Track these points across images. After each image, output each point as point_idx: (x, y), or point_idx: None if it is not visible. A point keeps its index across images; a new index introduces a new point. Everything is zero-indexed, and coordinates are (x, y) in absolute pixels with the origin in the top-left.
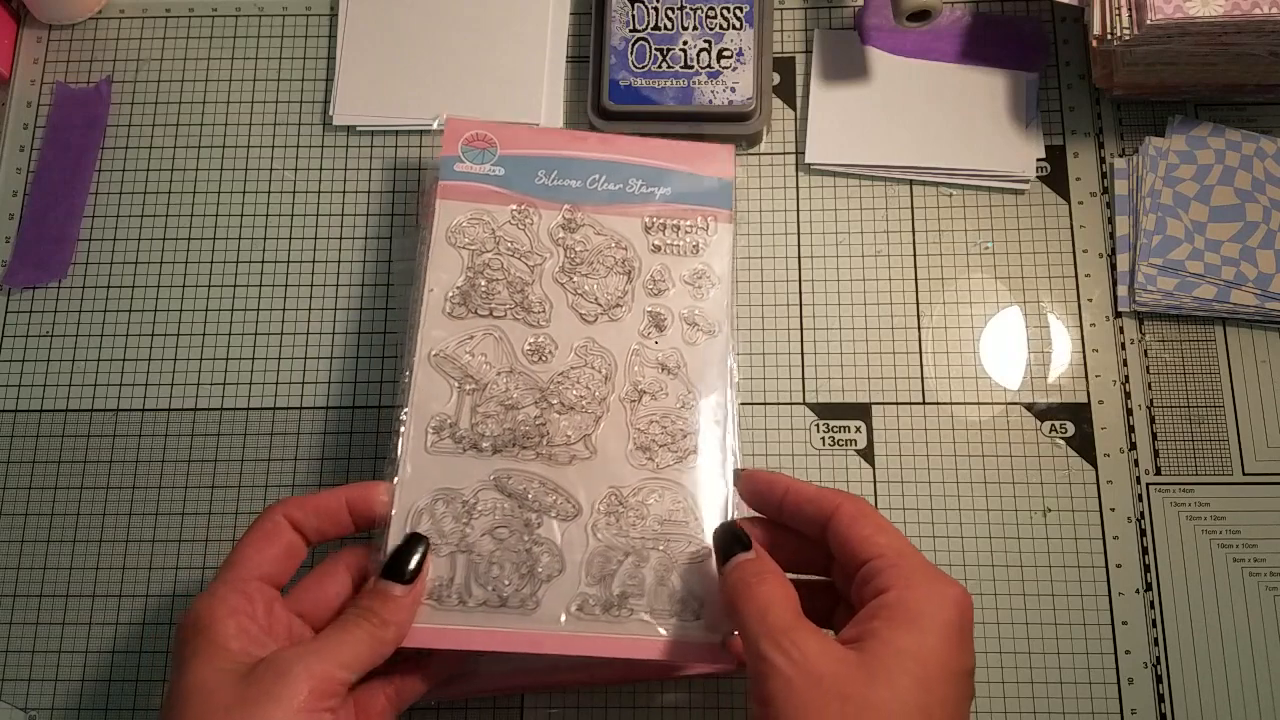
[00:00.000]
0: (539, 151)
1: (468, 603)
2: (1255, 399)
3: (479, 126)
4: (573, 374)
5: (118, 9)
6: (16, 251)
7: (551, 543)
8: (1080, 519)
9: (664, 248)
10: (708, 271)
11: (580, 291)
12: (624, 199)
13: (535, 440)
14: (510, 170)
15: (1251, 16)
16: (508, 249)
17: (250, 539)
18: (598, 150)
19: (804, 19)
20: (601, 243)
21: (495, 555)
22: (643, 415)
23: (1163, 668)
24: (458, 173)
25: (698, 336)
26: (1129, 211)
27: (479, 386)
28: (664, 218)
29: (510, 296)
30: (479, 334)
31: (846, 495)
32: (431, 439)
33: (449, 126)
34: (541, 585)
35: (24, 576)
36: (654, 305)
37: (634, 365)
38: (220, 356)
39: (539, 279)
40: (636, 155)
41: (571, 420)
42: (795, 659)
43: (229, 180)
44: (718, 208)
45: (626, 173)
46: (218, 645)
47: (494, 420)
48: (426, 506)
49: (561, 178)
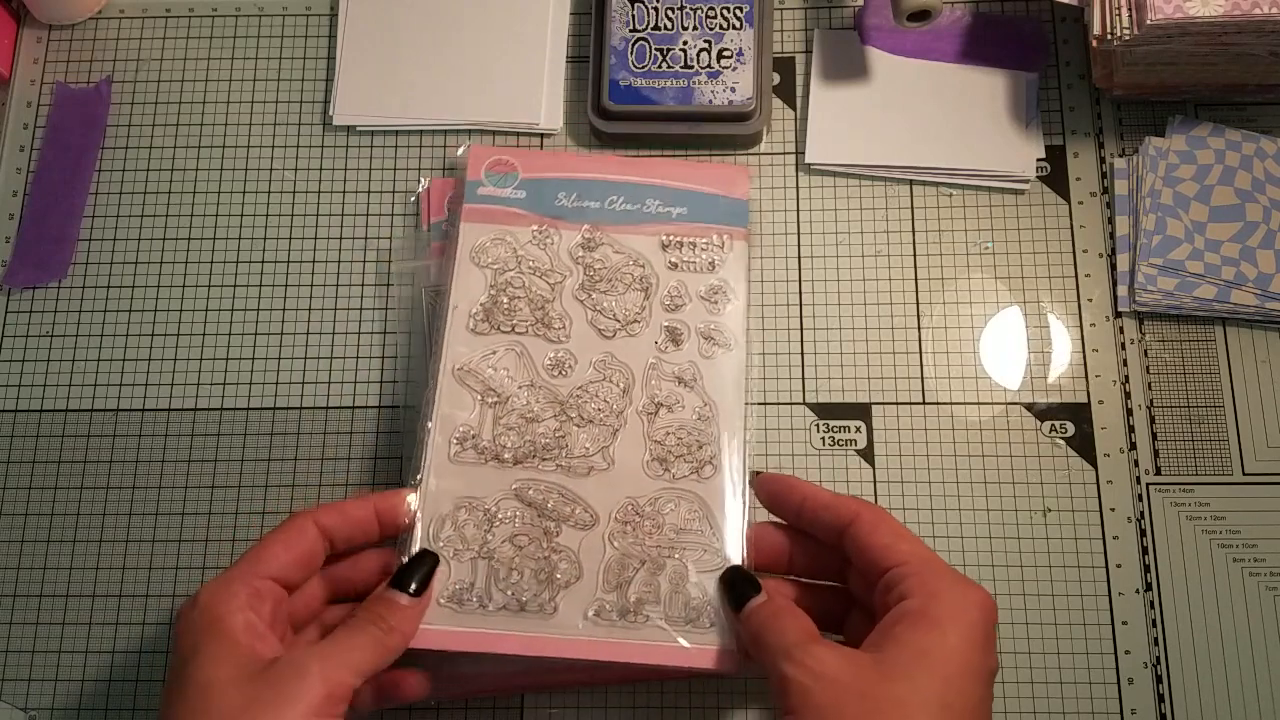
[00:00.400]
0: (559, 174)
1: (488, 606)
2: (1255, 399)
3: (501, 152)
4: (591, 388)
5: (118, 9)
6: (16, 251)
7: (570, 550)
8: (1080, 519)
9: (680, 265)
10: (724, 287)
11: (599, 308)
12: (641, 219)
13: (555, 452)
14: (531, 193)
15: (1251, 16)
16: (529, 268)
17: (276, 537)
18: (616, 172)
19: (804, 19)
20: (620, 261)
21: (515, 562)
22: (660, 428)
23: (1163, 668)
24: (481, 196)
25: (714, 350)
26: (1129, 211)
27: (501, 400)
28: (680, 236)
29: (531, 313)
30: (501, 349)
31: (864, 503)
32: (455, 449)
33: (472, 154)
34: (560, 591)
35: (24, 576)
36: (671, 320)
37: (651, 379)
38: (220, 356)
39: (559, 296)
40: (655, 177)
41: (590, 433)
42: (812, 668)
43: (229, 180)
44: (734, 226)
45: (644, 194)
46: (230, 640)
47: (515, 432)
48: (450, 514)
49: (581, 199)
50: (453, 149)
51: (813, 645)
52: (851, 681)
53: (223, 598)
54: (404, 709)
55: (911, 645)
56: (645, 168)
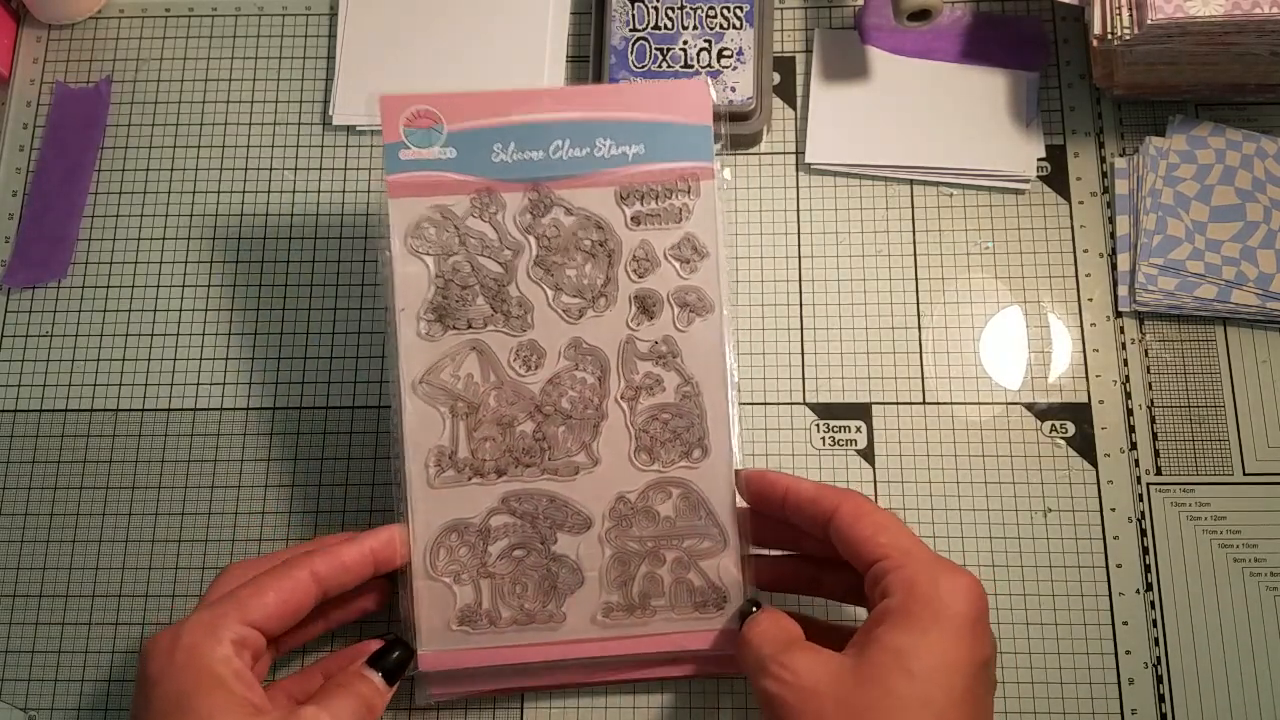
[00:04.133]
0: (491, 121)
1: (498, 624)
2: (1256, 399)
3: (419, 100)
4: (564, 378)
5: (117, 9)
6: (16, 251)
7: (568, 557)
8: (1081, 519)
9: (643, 220)
10: (694, 241)
11: (559, 286)
12: (592, 165)
13: (537, 456)
14: (463, 149)
15: (1252, 16)
16: (475, 247)
17: (270, 584)
18: (556, 109)
19: (804, 19)
20: (574, 224)
21: (516, 575)
22: (641, 414)
23: (1163, 668)
24: (404, 162)
25: (691, 319)
26: (1129, 211)
27: (471, 409)
28: (639, 183)
29: (487, 302)
30: (460, 352)
31: (845, 493)
32: (433, 472)
33: (384, 106)
34: (564, 599)
35: (24, 576)
36: (640, 289)
37: (626, 360)
38: (220, 356)
39: (514, 278)
40: (601, 109)
41: (570, 430)
42: (786, 679)
43: (229, 180)
44: (698, 162)
45: (593, 133)
46: (225, 690)
47: (492, 443)
48: (442, 540)
49: (521, 149)
50: None
51: (791, 653)
52: (829, 689)
53: (209, 643)
54: (404, 708)
55: (890, 646)
56: (590, 98)
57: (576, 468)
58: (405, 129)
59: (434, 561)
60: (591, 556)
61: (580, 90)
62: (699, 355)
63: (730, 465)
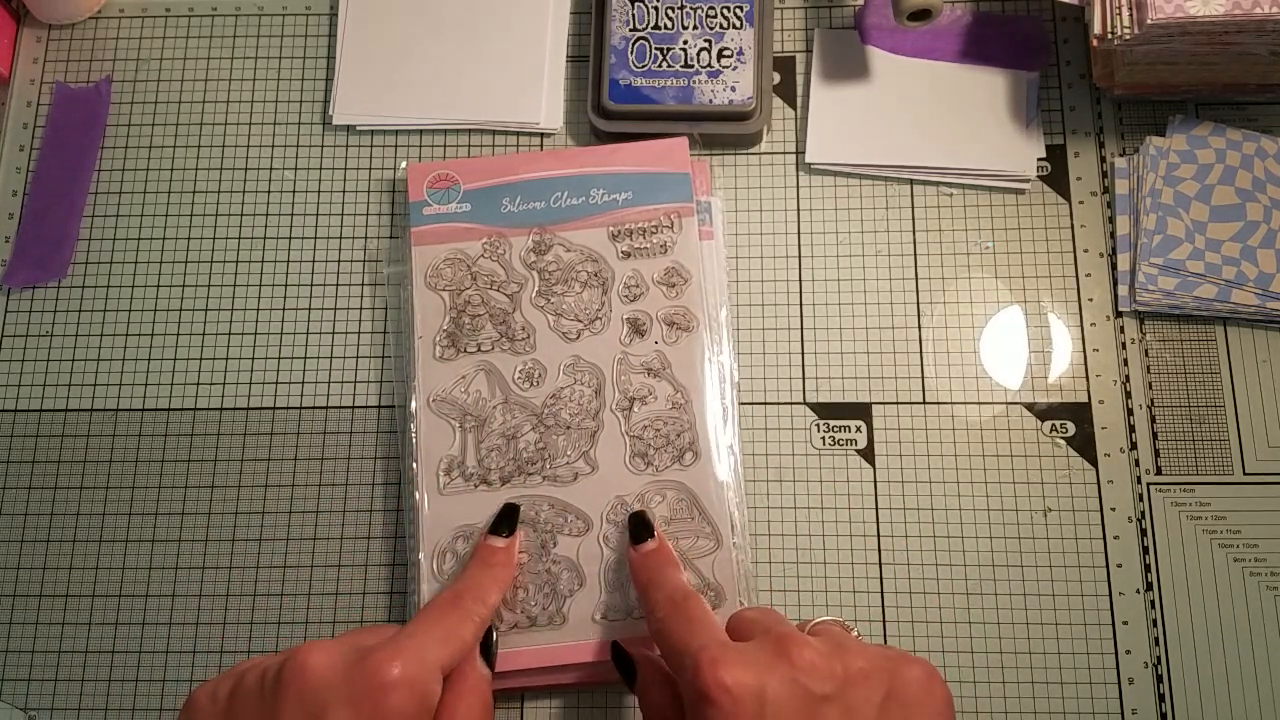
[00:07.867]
0: (501, 179)
1: (500, 628)
2: (1256, 399)
3: (439, 167)
4: (564, 393)
5: (118, 9)
6: (16, 251)
7: (569, 560)
8: (1081, 519)
9: (633, 253)
10: (678, 268)
11: (559, 311)
12: (588, 210)
13: (538, 464)
14: (476, 204)
15: (1252, 16)
16: (486, 282)
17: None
18: (555, 166)
19: (804, 18)
20: (572, 259)
21: (518, 579)
22: (636, 422)
23: (1163, 668)
24: (427, 216)
25: (678, 335)
26: (1129, 211)
27: (479, 423)
28: (628, 222)
29: (495, 329)
30: (471, 371)
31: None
32: (443, 480)
33: (411, 173)
34: (566, 601)
35: (24, 576)
36: (631, 311)
37: (620, 374)
38: (220, 356)
39: (519, 306)
40: (594, 165)
41: (569, 438)
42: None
43: (229, 180)
44: (679, 203)
45: (588, 184)
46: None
47: (497, 453)
48: (449, 545)
49: (526, 201)
50: (453, 148)
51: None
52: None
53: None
54: None
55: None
56: (584, 157)
57: (575, 473)
58: (428, 190)
59: (440, 566)
60: (591, 558)
61: (578, 151)
62: (686, 366)
63: (719, 467)
